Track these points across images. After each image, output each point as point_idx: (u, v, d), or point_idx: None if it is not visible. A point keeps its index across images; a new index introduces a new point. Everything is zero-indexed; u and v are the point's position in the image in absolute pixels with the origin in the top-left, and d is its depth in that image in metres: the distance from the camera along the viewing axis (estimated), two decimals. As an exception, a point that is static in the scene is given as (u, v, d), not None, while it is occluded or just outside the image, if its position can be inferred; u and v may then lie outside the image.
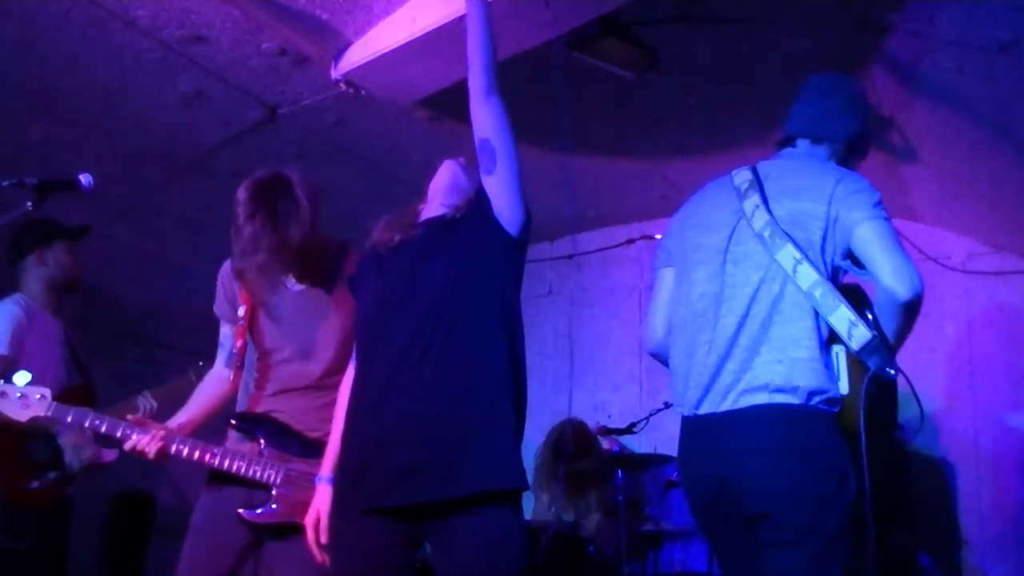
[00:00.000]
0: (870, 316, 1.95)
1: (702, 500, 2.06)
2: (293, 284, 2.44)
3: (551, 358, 5.13)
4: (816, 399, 1.90)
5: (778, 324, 1.94)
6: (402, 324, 1.92)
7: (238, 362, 2.47)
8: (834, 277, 1.99)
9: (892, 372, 1.89)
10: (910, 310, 1.90)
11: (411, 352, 1.88)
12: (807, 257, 1.93)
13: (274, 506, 2.26)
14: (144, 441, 2.27)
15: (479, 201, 2.04)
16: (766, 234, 1.99)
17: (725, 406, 1.96)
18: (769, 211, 2.02)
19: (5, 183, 2.01)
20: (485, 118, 2.03)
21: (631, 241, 4.89)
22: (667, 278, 2.25)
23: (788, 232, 1.98)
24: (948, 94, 3.13)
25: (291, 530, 2.23)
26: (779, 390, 1.90)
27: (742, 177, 2.17)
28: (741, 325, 1.97)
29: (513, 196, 2.00)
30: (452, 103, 3.61)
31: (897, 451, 3.83)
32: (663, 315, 2.23)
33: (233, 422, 2.39)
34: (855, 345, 1.88)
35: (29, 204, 2.02)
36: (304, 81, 3.37)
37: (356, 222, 2.36)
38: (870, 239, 1.93)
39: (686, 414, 2.08)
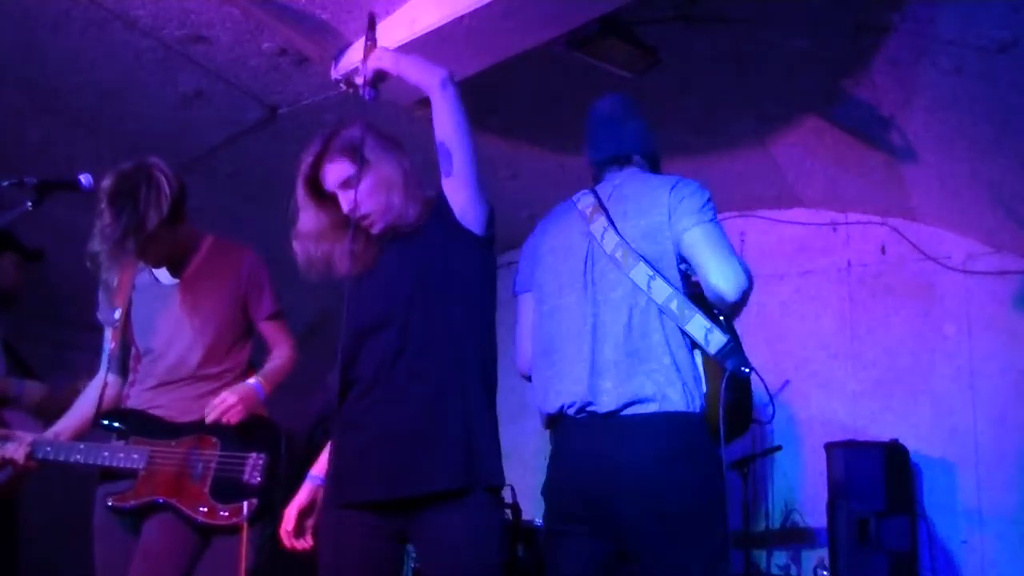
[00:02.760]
0: (723, 319, 2.05)
1: (579, 503, 2.03)
2: (167, 279, 2.51)
3: (551, 358, 5.11)
4: (690, 403, 1.98)
5: (641, 337, 2.02)
6: (379, 336, 1.96)
7: (117, 364, 2.54)
8: (687, 283, 2.08)
9: (747, 371, 1.98)
10: (740, 308, 2.00)
11: (387, 362, 1.94)
12: (659, 272, 2.03)
13: (135, 488, 2.35)
14: (11, 449, 2.38)
15: (439, 206, 2.03)
16: (618, 255, 2.07)
17: (607, 413, 2.00)
18: (617, 232, 2.10)
19: (5, 183, 2.01)
20: (443, 114, 2.01)
21: (631, 241, 4.89)
22: (528, 303, 2.30)
23: (640, 250, 2.06)
24: (948, 94, 3.13)
25: (157, 508, 2.33)
26: (650, 399, 1.97)
27: (585, 202, 2.24)
28: (610, 342, 2.04)
29: (473, 196, 2.01)
30: (452, 103, 3.62)
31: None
32: (530, 338, 2.26)
33: (104, 422, 2.46)
34: (712, 349, 1.98)
35: (29, 204, 2.02)
36: (304, 81, 3.37)
37: (356, 222, 2.36)
38: (695, 244, 2.02)
39: (569, 415, 2.08)
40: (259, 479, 2.35)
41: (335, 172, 2.01)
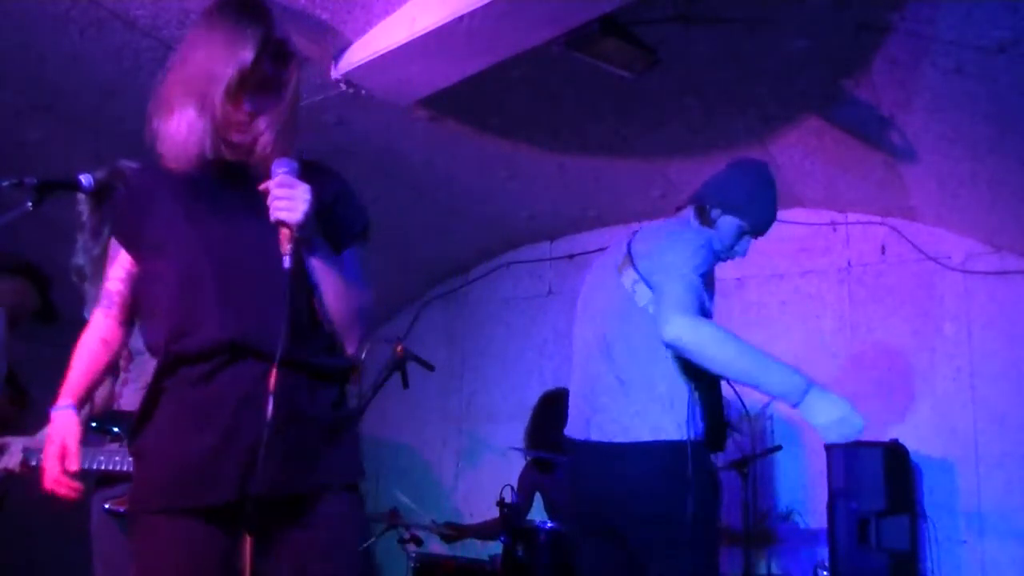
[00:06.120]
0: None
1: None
2: None
3: (551, 358, 5.12)
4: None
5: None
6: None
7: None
8: None
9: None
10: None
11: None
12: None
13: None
14: (4, 460, 2.38)
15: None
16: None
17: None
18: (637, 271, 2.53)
19: (5, 183, 2.01)
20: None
21: (631, 241, 4.90)
22: None
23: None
24: (948, 94, 3.13)
25: None
26: None
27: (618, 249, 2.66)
28: None
29: None
30: (452, 103, 3.62)
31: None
32: None
33: (93, 425, 2.42)
34: None
35: (29, 204, 2.02)
36: (304, 81, 3.36)
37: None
38: None
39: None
40: None
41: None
